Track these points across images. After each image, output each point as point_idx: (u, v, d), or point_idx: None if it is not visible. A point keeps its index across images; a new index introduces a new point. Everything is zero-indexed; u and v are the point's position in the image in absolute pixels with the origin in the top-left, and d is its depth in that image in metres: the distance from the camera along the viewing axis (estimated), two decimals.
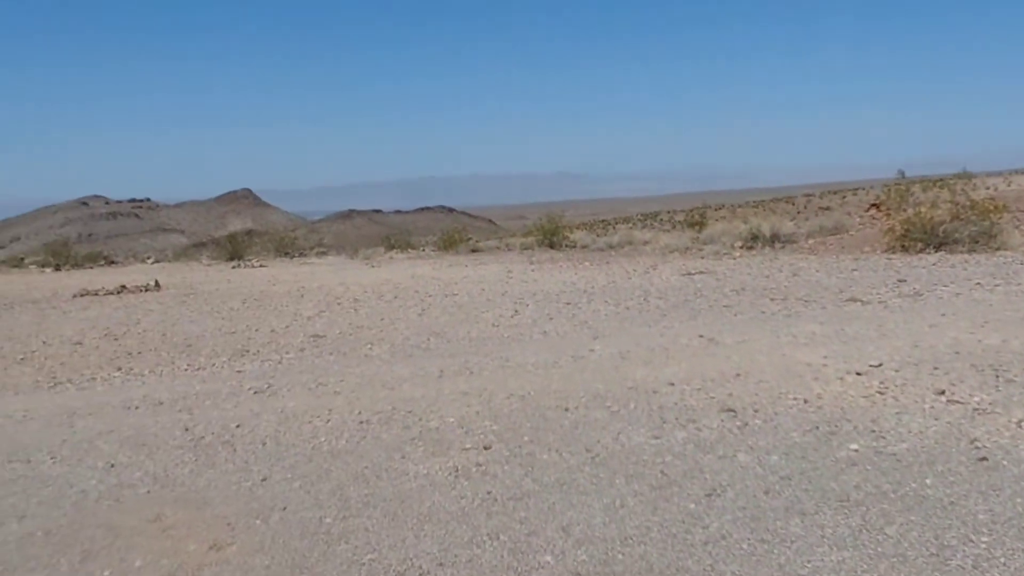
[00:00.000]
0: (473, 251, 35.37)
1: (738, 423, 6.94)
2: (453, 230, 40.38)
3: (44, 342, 14.75)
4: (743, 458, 6.12)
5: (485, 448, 6.66)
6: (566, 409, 7.74)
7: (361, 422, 7.80)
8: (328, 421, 7.93)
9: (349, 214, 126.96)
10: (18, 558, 5.18)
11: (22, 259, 52.10)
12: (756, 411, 7.22)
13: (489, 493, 5.77)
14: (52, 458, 7.26)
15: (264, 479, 6.31)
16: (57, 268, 41.10)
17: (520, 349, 11.44)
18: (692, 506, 5.34)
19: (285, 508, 5.73)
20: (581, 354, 10.49)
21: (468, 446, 6.77)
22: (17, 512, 5.89)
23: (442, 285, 21.29)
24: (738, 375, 8.48)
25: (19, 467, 7.04)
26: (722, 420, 7.05)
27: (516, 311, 15.64)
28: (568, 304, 16.31)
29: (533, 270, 24.84)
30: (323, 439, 7.31)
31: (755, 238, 26.30)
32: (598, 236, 35.78)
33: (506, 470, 6.16)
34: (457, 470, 6.22)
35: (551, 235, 34.10)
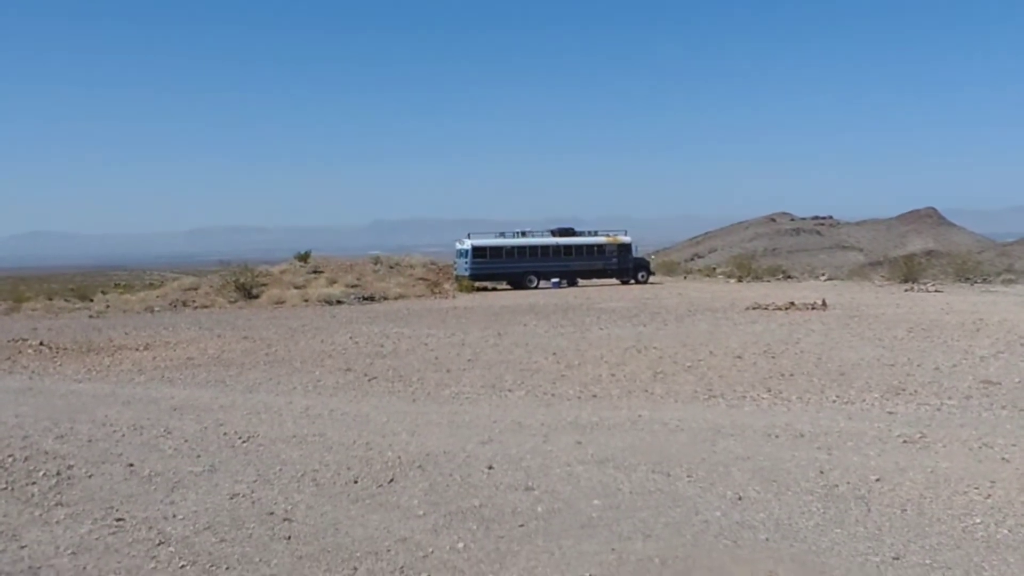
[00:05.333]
0: None
1: None
2: None
3: (711, 352, 15.66)
4: None
5: None
6: None
7: None
8: (988, 497, 6.56)
9: None
10: None
11: (714, 269, 57.58)
12: None
13: None
14: (688, 476, 7.43)
15: (896, 558, 5.41)
16: (739, 280, 44.20)
17: None
18: None
19: None
20: None
21: None
22: (644, 529, 6.09)
23: None
24: None
25: (659, 480, 7.36)
26: None
27: None
28: None
29: None
30: (978, 520, 6.04)
31: None
32: None
33: None
34: None
35: None
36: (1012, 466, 7.43)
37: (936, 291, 32.37)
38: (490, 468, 7.83)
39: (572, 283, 41.58)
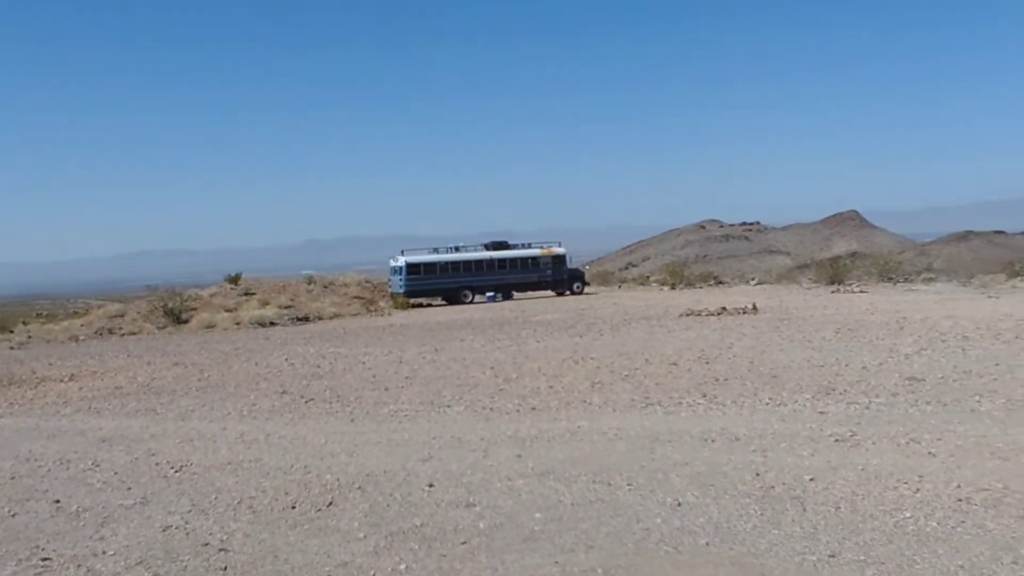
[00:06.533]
0: None
1: None
2: None
3: (647, 360, 15.82)
4: None
5: None
6: None
7: (959, 500, 6.47)
8: (917, 491, 6.76)
9: (965, 235, 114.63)
10: None
11: (647, 277, 58.36)
12: None
13: None
14: (629, 485, 7.48)
15: (832, 555, 5.53)
16: (673, 287, 44.85)
17: None
18: None
19: None
20: None
21: None
22: (586, 540, 6.11)
23: None
24: None
25: (600, 489, 7.40)
26: None
27: None
28: None
29: None
30: (908, 515, 6.22)
31: None
32: None
33: None
34: None
35: None
36: (938, 460, 7.67)
37: (861, 292, 33.36)
38: (431, 486, 7.76)
39: (507, 296, 41.70)
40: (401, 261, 40.28)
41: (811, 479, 7.27)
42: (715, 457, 8.25)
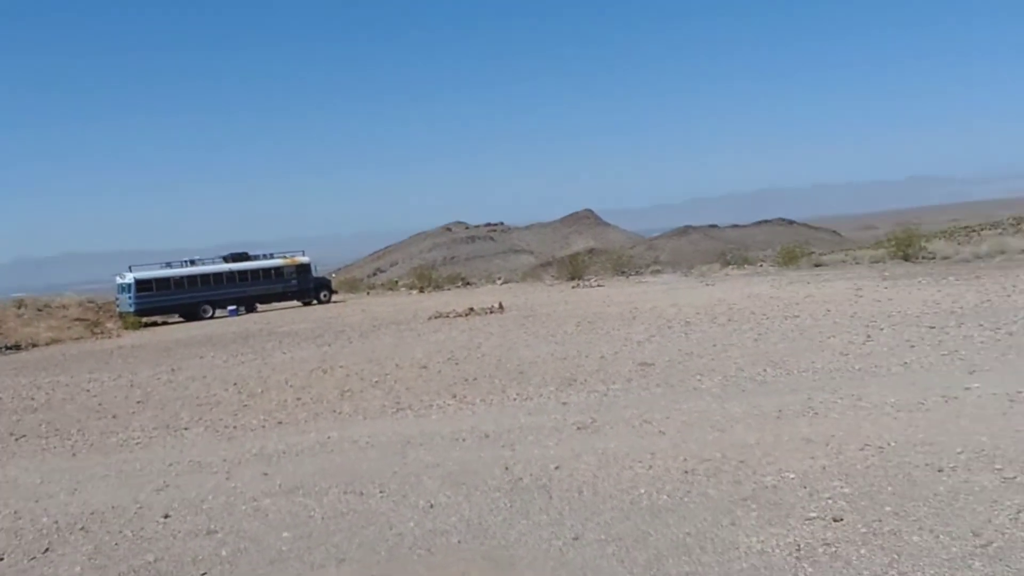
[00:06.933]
0: (816, 266, 33.01)
1: None
2: (793, 244, 38.27)
3: (397, 365, 15.76)
4: None
5: (835, 520, 5.51)
6: (939, 470, 6.31)
7: (686, 472, 6.99)
8: (650, 468, 7.22)
9: (685, 230, 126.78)
10: None
11: (396, 282, 58.27)
12: None
13: None
14: (381, 492, 7.34)
15: (576, 538, 5.73)
16: (421, 290, 45.13)
17: (875, 385, 9.90)
18: None
19: None
20: (954, 393, 8.80)
21: (812, 514, 5.66)
22: (338, 554, 5.89)
23: (781, 306, 19.71)
24: None
25: (352, 500, 7.19)
26: None
27: (869, 337, 13.81)
28: (932, 328, 14.11)
29: (886, 287, 22.26)
30: (643, 491, 6.61)
31: None
32: (962, 245, 31.82)
33: (863, 555, 4.97)
34: (799, 548, 5.16)
35: (906, 246, 31.11)
36: (667, 438, 8.25)
37: (598, 285, 35.48)
38: (166, 517, 7.16)
39: (251, 309, 39.95)
40: (129, 278, 37.29)
41: (556, 467, 7.53)
42: (466, 456, 8.33)
